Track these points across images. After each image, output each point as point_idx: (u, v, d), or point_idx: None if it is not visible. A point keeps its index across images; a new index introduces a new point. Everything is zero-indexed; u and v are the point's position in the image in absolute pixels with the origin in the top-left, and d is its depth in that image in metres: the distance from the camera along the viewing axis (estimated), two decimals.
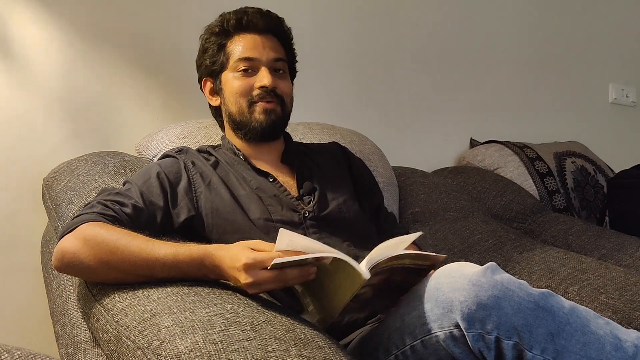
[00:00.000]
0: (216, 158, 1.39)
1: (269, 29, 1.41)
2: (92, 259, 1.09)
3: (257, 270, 1.02)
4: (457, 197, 2.03)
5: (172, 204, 1.28)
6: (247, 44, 1.39)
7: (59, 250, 1.12)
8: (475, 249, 1.76)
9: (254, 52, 1.38)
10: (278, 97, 1.38)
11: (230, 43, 1.41)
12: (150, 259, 1.08)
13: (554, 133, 2.66)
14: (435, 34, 2.46)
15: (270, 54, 1.39)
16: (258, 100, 1.37)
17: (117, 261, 1.08)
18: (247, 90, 1.38)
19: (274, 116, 1.38)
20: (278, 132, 1.43)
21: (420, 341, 0.98)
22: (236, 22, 1.40)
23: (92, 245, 1.09)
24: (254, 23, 1.40)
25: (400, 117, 2.37)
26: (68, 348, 1.28)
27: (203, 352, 0.88)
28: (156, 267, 1.08)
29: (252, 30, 1.40)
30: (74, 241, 1.11)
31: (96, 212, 1.16)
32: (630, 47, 3.05)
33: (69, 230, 1.13)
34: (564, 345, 0.91)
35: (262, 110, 1.37)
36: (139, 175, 1.31)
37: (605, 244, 1.84)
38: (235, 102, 1.39)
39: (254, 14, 1.40)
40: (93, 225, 1.12)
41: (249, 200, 1.31)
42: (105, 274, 1.10)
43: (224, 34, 1.42)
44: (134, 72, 1.82)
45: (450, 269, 1.00)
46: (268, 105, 1.37)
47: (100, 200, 1.20)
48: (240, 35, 1.40)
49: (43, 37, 1.69)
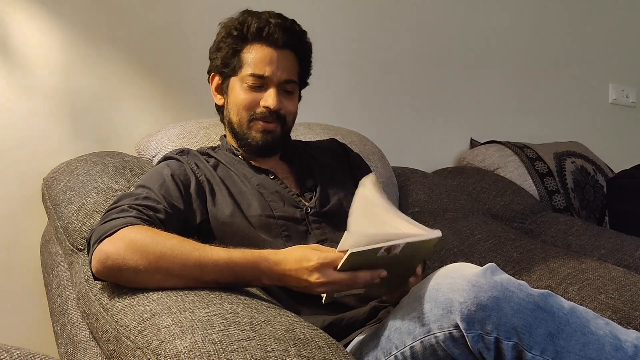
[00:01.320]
0: (216, 159, 1.39)
1: (288, 44, 1.37)
2: (139, 261, 1.05)
3: (330, 270, 1.02)
4: (457, 197, 2.03)
5: (188, 206, 1.26)
6: (262, 58, 1.35)
7: (102, 253, 1.08)
8: (475, 249, 1.76)
9: (267, 70, 1.34)
10: (280, 118, 1.37)
11: (246, 51, 1.36)
12: (202, 259, 1.06)
13: (554, 133, 2.66)
14: (435, 34, 2.46)
15: (282, 75, 1.36)
16: (259, 118, 1.36)
17: (167, 263, 1.06)
18: (251, 106, 1.36)
19: (271, 137, 1.37)
20: (275, 150, 1.42)
21: (420, 342, 0.98)
22: (256, 31, 1.35)
23: (139, 247, 1.06)
24: (275, 37, 1.35)
25: (400, 117, 2.37)
26: (67, 348, 1.28)
27: (202, 352, 0.88)
28: (207, 268, 1.06)
29: (270, 43, 1.35)
30: (118, 244, 1.07)
31: (133, 216, 1.13)
32: (630, 47, 3.05)
33: (107, 234, 1.09)
34: (563, 345, 0.91)
35: (260, 129, 1.36)
36: (152, 178, 1.28)
37: (605, 244, 1.84)
38: (237, 113, 1.38)
39: (277, 27, 1.35)
40: (137, 229, 1.10)
41: (251, 196, 1.31)
42: (150, 277, 1.07)
43: (241, 39, 1.37)
44: (134, 72, 1.82)
45: (449, 269, 1.00)
46: (268, 126, 1.36)
47: (131, 205, 1.17)
48: (257, 46, 1.36)
49: (43, 37, 1.69)
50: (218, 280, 1.08)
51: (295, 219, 1.30)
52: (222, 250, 1.08)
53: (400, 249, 1.00)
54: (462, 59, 2.53)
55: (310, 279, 1.03)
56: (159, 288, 1.07)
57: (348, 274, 1.02)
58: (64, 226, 1.38)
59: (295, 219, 1.29)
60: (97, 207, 1.37)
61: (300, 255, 1.06)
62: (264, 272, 1.08)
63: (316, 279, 1.03)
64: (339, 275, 1.02)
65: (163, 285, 1.07)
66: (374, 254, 1.00)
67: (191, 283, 1.07)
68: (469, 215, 1.96)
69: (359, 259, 1.00)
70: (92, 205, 1.38)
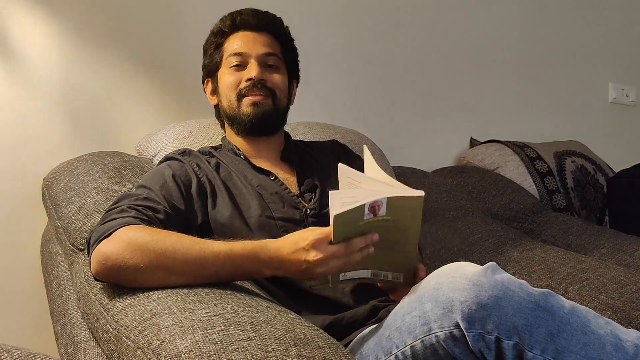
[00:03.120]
0: (217, 159, 1.39)
1: (262, 26, 1.44)
2: (140, 259, 1.05)
3: (325, 245, 1.02)
4: (457, 196, 2.03)
5: (189, 207, 1.27)
6: (239, 40, 1.43)
7: (101, 254, 1.07)
8: (475, 249, 1.76)
9: (244, 47, 1.42)
10: (268, 90, 1.40)
11: (226, 42, 1.45)
12: (203, 253, 1.06)
13: (554, 132, 2.66)
14: (436, 34, 2.46)
15: (260, 48, 1.42)
16: (246, 93, 1.39)
17: (168, 259, 1.05)
18: (236, 83, 1.40)
19: (262, 109, 1.39)
20: (270, 125, 1.43)
21: (420, 341, 0.98)
22: (231, 22, 1.44)
23: (139, 246, 1.06)
24: (247, 21, 1.44)
25: (400, 116, 2.37)
26: (68, 348, 1.28)
27: (203, 352, 0.88)
28: (209, 261, 1.06)
29: (245, 28, 1.44)
30: (117, 244, 1.07)
31: (132, 216, 1.13)
32: (630, 46, 3.05)
33: (105, 235, 1.09)
34: (564, 345, 0.91)
35: (249, 103, 1.39)
36: (152, 179, 1.28)
37: (605, 243, 1.84)
38: (226, 97, 1.42)
39: (248, 13, 1.44)
40: (135, 228, 1.10)
41: (251, 198, 1.31)
42: (151, 274, 1.06)
43: (220, 34, 1.46)
44: (134, 72, 1.82)
45: (450, 268, 1.00)
46: (255, 97, 1.39)
47: (131, 205, 1.17)
48: (235, 34, 1.44)
49: (43, 37, 1.69)
50: (219, 274, 1.08)
51: (295, 220, 1.30)
52: (222, 243, 1.09)
53: (384, 208, 0.99)
54: (462, 58, 2.53)
55: (308, 258, 1.03)
56: (160, 286, 1.06)
57: (342, 244, 1.02)
58: (64, 226, 1.38)
59: (294, 220, 1.29)
60: (97, 206, 1.37)
61: (297, 237, 1.06)
62: (264, 262, 1.07)
63: (314, 256, 1.02)
64: (334, 248, 1.02)
65: (164, 283, 1.07)
66: (360, 216, 0.99)
67: (192, 279, 1.07)
68: (469, 214, 1.96)
69: (348, 226, 1.00)
70: (93, 205, 1.38)
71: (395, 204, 1.00)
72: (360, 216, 0.99)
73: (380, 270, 1.10)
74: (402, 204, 1.01)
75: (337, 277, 1.07)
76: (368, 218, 1.00)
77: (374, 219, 1.01)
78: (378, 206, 0.99)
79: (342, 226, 1.00)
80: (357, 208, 0.98)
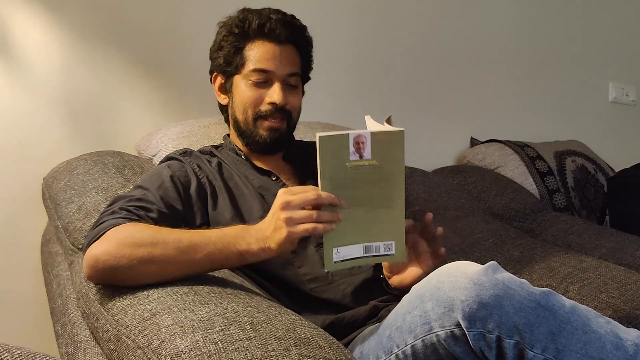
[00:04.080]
0: (219, 159, 1.39)
1: (290, 39, 1.38)
2: (132, 255, 1.04)
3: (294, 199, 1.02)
4: (457, 196, 2.03)
5: (188, 208, 1.26)
6: (265, 54, 1.35)
7: (91, 257, 1.07)
8: (476, 248, 1.76)
9: (270, 64, 1.35)
10: (286, 113, 1.37)
11: (249, 48, 1.37)
12: (194, 238, 1.06)
13: (554, 132, 2.65)
14: (435, 33, 2.46)
15: (286, 68, 1.36)
16: (266, 116, 1.36)
17: (160, 249, 1.05)
18: (257, 102, 1.36)
19: (278, 134, 1.37)
20: (281, 147, 1.42)
21: (421, 340, 0.98)
22: (258, 28, 1.35)
23: (129, 243, 1.05)
24: (276, 33, 1.35)
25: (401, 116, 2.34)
26: (68, 347, 1.28)
27: (203, 352, 0.88)
28: (200, 244, 1.06)
29: (272, 39, 1.36)
30: (107, 245, 1.06)
31: (122, 217, 1.13)
32: (630, 46, 3.05)
33: (95, 238, 1.09)
34: (564, 344, 0.91)
35: (268, 127, 1.36)
36: (150, 179, 1.27)
37: (606, 243, 1.84)
38: (243, 112, 1.37)
39: (278, 23, 1.36)
40: (124, 226, 1.09)
41: (252, 199, 1.30)
42: (144, 270, 1.05)
43: (243, 37, 1.37)
44: (134, 72, 1.82)
45: (451, 267, 0.99)
46: (274, 123, 1.36)
47: (122, 207, 1.16)
48: (260, 42, 1.36)
49: (43, 37, 1.69)
50: (211, 256, 1.06)
51: None
52: (213, 230, 1.10)
53: (368, 145, 0.99)
54: (462, 57, 2.53)
55: (280, 216, 1.02)
56: (154, 281, 1.06)
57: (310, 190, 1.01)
58: (65, 225, 1.38)
59: None
60: (97, 206, 1.37)
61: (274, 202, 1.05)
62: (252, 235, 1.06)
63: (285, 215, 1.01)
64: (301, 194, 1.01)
65: (159, 276, 1.06)
66: (345, 152, 0.98)
67: (186, 266, 1.07)
68: (469, 214, 1.96)
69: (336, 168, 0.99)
70: (93, 204, 1.38)
71: (378, 141, 0.99)
72: (345, 153, 0.98)
73: (372, 242, 1.06)
74: (384, 140, 1.00)
75: (330, 256, 1.04)
76: (354, 159, 0.99)
77: (360, 163, 0.99)
78: (362, 143, 0.99)
79: (328, 159, 0.99)
80: (341, 135, 0.98)
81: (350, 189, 1.01)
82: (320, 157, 0.99)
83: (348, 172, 1.00)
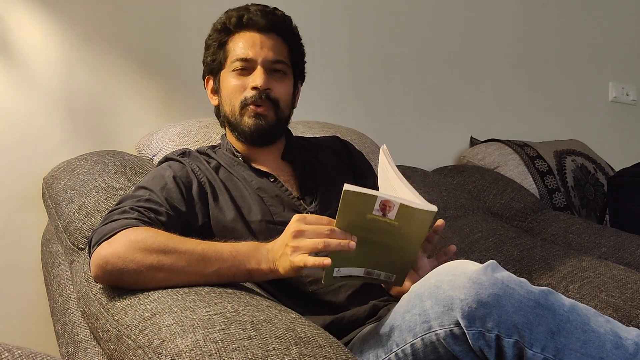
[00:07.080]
0: (217, 161, 1.38)
1: (271, 27, 1.36)
2: (141, 262, 1.05)
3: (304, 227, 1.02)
4: (457, 195, 2.03)
5: (190, 209, 1.26)
6: (245, 42, 1.35)
7: (100, 257, 1.06)
8: (476, 247, 1.76)
9: (251, 51, 1.34)
10: (271, 101, 1.34)
11: (231, 41, 1.37)
12: (206, 251, 1.07)
13: (554, 131, 2.66)
14: (435, 33, 2.46)
15: (268, 53, 1.34)
16: (250, 102, 1.33)
17: (171, 259, 1.05)
18: (241, 90, 1.34)
19: (264, 121, 1.34)
20: (270, 137, 1.38)
21: (421, 339, 0.98)
22: (237, 20, 1.35)
23: (141, 248, 1.05)
24: (255, 21, 1.35)
25: (400, 116, 2.37)
26: (68, 347, 1.28)
27: (204, 351, 0.88)
28: (212, 259, 1.07)
29: (252, 28, 1.35)
30: (118, 247, 1.06)
31: (134, 217, 1.12)
32: (630, 46, 3.05)
33: (106, 237, 1.09)
34: (564, 343, 0.91)
35: (251, 114, 1.33)
36: (153, 180, 1.27)
37: (606, 242, 1.84)
38: (230, 103, 1.36)
39: (256, 12, 1.35)
40: (137, 229, 1.09)
41: (251, 201, 1.30)
42: (151, 277, 1.06)
43: (225, 32, 1.38)
44: (134, 72, 1.82)
45: (450, 267, 0.99)
46: (258, 109, 1.33)
47: (133, 206, 1.16)
48: (241, 34, 1.36)
49: (43, 37, 1.69)
50: (220, 272, 1.07)
51: None
52: (225, 243, 1.10)
53: (394, 210, 0.98)
54: (462, 57, 2.53)
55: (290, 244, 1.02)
56: (159, 287, 1.06)
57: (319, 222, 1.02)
58: (65, 225, 1.38)
59: None
60: (97, 206, 1.37)
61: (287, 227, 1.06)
62: (263, 255, 1.08)
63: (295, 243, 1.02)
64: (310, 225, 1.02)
65: (165, 283, 1.07)
66: (369, 207, 0.98)
67: (193, 277, 1.07)
68: (469, 213, 1.96)
69: (354, 213, 0.99)
70: (93, 204, 1.38)
71: (406, 212, 0.99)
72: (369, 208, 0.98)
73: (374, 269, 1.08)
74: (413, 214, 0.99)
75: (330, 273, 1.05)
76: (376, 214, 0.99)
77: (381, 218, 0.99)
78: (389, 207, 0.98)
79: (349, 208, 0.99)
80: (368, 196, 0.97)
81: (365, 231, 1.02)
82: (342, 207, 0.99)
83: (366, 221, 1.00)
